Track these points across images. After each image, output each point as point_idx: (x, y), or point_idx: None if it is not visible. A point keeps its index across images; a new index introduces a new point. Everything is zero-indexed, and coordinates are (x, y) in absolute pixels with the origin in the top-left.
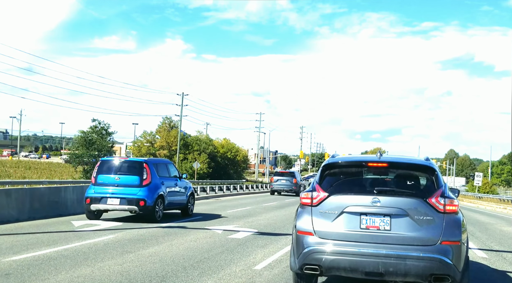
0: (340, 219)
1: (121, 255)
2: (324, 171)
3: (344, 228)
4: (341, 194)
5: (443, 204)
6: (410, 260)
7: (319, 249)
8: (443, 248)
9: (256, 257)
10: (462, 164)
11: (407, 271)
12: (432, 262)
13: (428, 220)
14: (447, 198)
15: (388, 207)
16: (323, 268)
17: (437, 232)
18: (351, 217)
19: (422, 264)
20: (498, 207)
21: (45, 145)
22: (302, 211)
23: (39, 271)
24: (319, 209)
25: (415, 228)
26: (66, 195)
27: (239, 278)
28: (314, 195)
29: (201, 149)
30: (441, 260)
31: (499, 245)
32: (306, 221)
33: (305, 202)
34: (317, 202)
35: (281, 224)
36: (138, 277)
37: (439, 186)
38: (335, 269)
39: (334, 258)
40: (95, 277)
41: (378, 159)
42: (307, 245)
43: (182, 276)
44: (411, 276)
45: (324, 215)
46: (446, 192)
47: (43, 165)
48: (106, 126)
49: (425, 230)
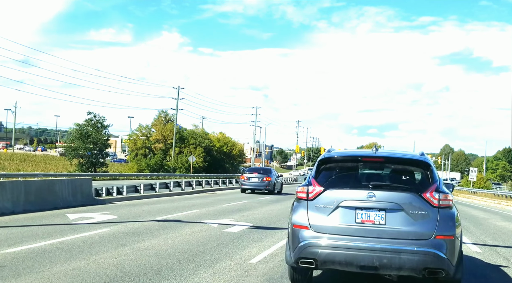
0: (336, 213)
1: (116, 248)
2: (320, 165)
3: (339, 222)
4: (337, 188)
5: (437, 199)
6: (405, 254)
7: (315, 243)
8: (437, 242)
9: (251, 250)
10: (457, 159)
11: (402, 265)
12: (426, 256)
13: (422, 215)
14: (441, 193)
15: (383, 201)
16: (319, 261)
17: (432, 226)
18: (347, 211)
19: (416, 258)
20: (492, 202)
21: (40, 138)
22: (298, 205)
23: (33, 264)
24: (315, 203)
25: (409, 223)
26: (61, 188)
27: (234, 272)
28: (310, 189)
29: (197, 142)
30: (435, 254)
31: (493, 239)
32: (302, 215)
33: (301, 196)
34: (313, 196)
35: (276, 218)
36: (133, 270)
37: (433, 180)
38: (330, 262)
39: (330, 251)
40: (90, 270)
41: (373, 154)
42: (302, 239)
43: (177, 269)
44: (406, 270)
45: (320, 209)
46: (440, 187)
47: (38, 158)
48: (102, 120)
49: (419, 225)
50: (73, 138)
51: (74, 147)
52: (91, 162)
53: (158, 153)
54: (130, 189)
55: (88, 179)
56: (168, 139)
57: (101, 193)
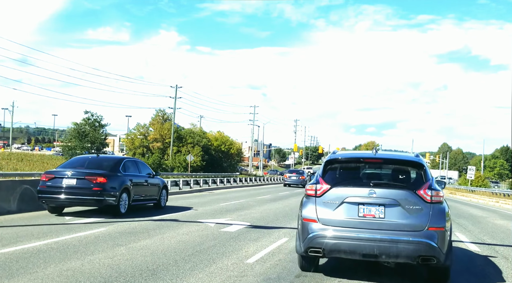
0: (341, 208)
1: (111, 248)
2: (327, 165)
3: (344, 216)
4: (342, 186)
5: (430, 195)
6: (401, 244)
7: (322, 234)
8: (430, 233)
9: (248, 250)
10: (455, 157)
11: (399, 253)
12: (420, 245)
13: (417, 209)
14: (433, 190)
15: (383, 197)
16: (326, 251)
17: (425, 219)
18: (350, 206)
19: (411, 247)
20: (490, 200)
21: (38, 137)
22: (307, 201)
23: (27, 264)
24: (322, 200)
25: (405, 216)
26: None
27: (231, 272)
28: (318, 187)
29: (194, 141)
30: (427, 243)
31: (491, 238)
32: (311, 210)
33: (310, 193)
34: (321, 193)
35: (274, 217)
36: (129, 270)
37: (427, 179)
38: (336, 251)
39: (335, 242)
40: (84, 270)
41: (374, 155)
42: (311, 230)
43: (173, 270)
44: (402, 257)
45: (327, 205)
46: (433, 185)
47: (36, 157)
48: (99, 119)
49: (414, 218)
50: (70, 138)
51: (71, 146)
52: None
53: (156, 152)
54: None
55: None
56: (166, 138)
57: None
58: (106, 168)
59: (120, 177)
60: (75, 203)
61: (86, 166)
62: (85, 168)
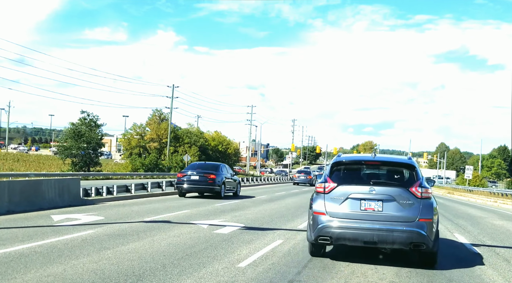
0: (345, 203)
1: (98, 251)
2: (333, 167)
3: (348, 210)
4: (346, 184)
5: (420, 192)
6: (396, 232)
7: (330, 225)
8: (420, 224)
9: (241, 253)
10: (453, 157)
11: (394, 240)
12: (412, 234)
13: (409, 204)
14: (423, 188)
15: (381, 194)
16: (333, 239)
17: (416, 212)
18: (354, 201)
19: (405, 235)
20: (488, 200)
21: (35, 137)
22: (317, 197)
23: (6, 270)
24: (330, 196)
25: (400, 209)
26: (47, 188)
27: (221, 277)
28: (326, 185)
29: (191, 141)
30: (418, 232)
31: (491, 239)
32: (320, 204)
33: (319, 190)
34: (328, 190)
35: (269, 218)
36: (113, 276)
37: (418, 178)
38: (341, 239)
39: (341, 231)
40: (66, 276)
41: (373, 158)
42: (320, 222)
43: (160, 275)
44: (397, 244)
45: (333, 200)
46: (423, 183)
47: (32, 157)
48: (95, 119)
49: (407, 211)
50: (66, 138)
51: (67, 146)
52: (84, 162)
53: (153, 152)
54: (121, 188)
55: (75, 179)
56: (163, 138)
57: (91, 193)
58: (213, 169)
59: (221, 175)
60: (197, 190)
61: (202, 167)
62: (201, 169)
